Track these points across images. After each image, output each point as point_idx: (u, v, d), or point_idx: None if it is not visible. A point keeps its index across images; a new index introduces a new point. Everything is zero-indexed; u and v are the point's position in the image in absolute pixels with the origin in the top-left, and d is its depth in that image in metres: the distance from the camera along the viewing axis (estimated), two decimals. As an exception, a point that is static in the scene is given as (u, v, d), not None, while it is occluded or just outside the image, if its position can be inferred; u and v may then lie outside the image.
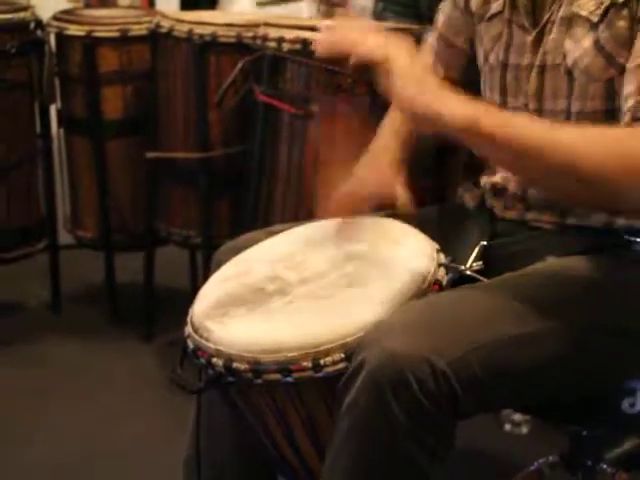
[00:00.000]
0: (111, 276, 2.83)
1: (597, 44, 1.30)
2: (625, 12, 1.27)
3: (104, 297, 2.87)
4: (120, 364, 2.59)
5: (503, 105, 1.44)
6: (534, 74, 1.39)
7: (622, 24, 1.28)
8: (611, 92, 1.31)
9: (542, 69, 1.38)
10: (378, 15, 2.66)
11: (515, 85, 1.42)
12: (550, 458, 1.74)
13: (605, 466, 1.63)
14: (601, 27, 1.30)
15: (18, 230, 2.73)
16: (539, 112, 1.39)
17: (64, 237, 2.91)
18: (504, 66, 1.44)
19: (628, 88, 1.26)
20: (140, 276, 2.72)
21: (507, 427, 2.23)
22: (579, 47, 1.32)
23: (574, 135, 1.20)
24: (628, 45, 1.28)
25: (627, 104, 1.25)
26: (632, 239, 1.36)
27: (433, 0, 2.34)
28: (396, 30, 2.13)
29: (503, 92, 1.45)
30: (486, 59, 1.47)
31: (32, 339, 2.72)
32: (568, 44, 1.33)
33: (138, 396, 2.42)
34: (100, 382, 2.49)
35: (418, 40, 2.06)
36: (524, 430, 2.23)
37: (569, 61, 1.33)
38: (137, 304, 2.76)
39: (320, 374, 1.18)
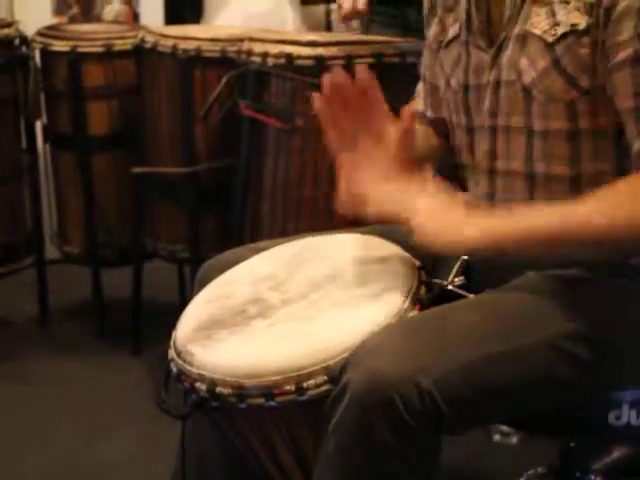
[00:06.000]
0: (98, 291, 2.83)
1: (557, 66, 1.30)
2: (586, 39, 1.27)
3: (92, 312, 2.87)
4: (108, 378, 2.58)
5: (470, 125, 1.44)
6: (489, 90, 1.39)
7: (584, 51, 1.28)
8: (573, 113, 1.32)
9: (497, 85, 1.38)
10: (365, 26, 2.66)
11: (478, 104, 1.42)
12: (539, 469, 1.74)
13: (593, 477, 1.63)
14: (558, 49, 1.30)
15: (4, 246, 2.73)
16: (493, 129, 1.39)
17: (51, 252, 2.91)
18: (465, 87, 1.44)
19: (632, 130, 1.27)
20: (128, 290, 2.71)
21: (496, 437, 2.23)
22: (535, 67, 1.32)
23: (588, 210, 1.24)
24: (590, 69, 1.28)
25: (634, 147, 1.27)
26: (611, 252, 1.36)
27: (421, 11, 2.35)
28: (381, 44, 2.14)
29: (467, 112, 1.44)
30: (448, 84, 1.47)
31: (19, 354, 2.71)
32: (523, 62, 1.33)
33: (126, 410, 2.42)
34: (88, 397, 2.49)
35: (403, 55, 2.08)
36: (513, 440, 2.22)
37: (526, 80, 1.33)
38: (125, 318, 2.75)
39: (303, 397, 1.18)
